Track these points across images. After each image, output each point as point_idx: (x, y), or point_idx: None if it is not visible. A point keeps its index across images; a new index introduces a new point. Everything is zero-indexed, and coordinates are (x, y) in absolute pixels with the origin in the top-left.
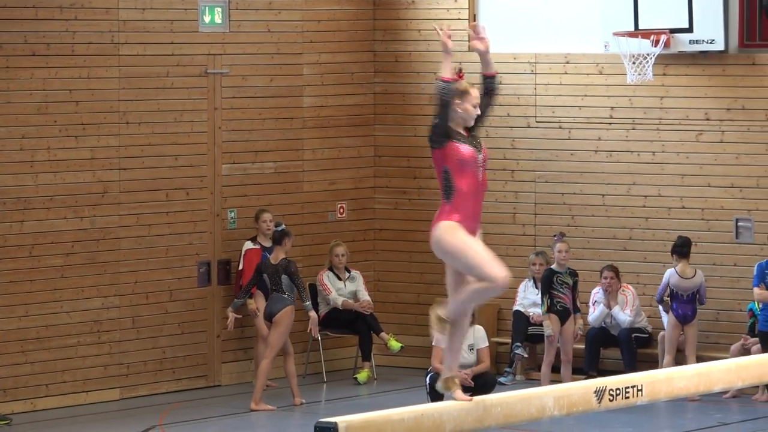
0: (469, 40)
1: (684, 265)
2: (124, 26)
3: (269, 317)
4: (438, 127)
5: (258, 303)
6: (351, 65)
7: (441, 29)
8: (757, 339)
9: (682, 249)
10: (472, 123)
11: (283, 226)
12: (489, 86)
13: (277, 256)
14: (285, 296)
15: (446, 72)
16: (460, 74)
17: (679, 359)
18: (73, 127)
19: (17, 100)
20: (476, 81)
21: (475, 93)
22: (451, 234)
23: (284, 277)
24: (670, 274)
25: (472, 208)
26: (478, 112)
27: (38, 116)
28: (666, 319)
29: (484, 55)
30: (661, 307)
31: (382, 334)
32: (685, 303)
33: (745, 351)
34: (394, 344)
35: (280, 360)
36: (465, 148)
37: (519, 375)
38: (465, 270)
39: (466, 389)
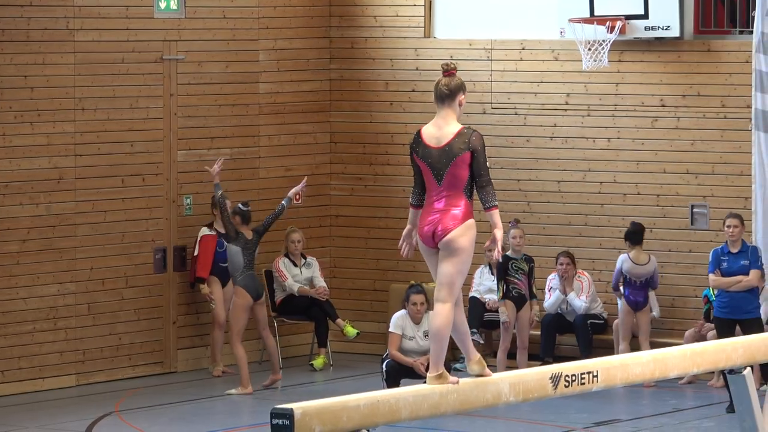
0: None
1: (638, 252)
2: (79, 12)
3: (257, 296)
4: (483, 155)
5: (213, 289)
6: (307, 51)
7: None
8: (712, 325)
9: (634, 235)
10: None
11: (249, 206)
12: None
13: (248, 233)
14: (254, 273)
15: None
16: (453, 70)
17: (635, 346)
18: (29, 114)
19: None
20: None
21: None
22: (473, 236)
23: (255, 253)
24: (623, 260)
25: None
26: None
27: None
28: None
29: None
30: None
31: (338, 320)
32: (637, 289)
33: (701, 337)
34: (350, 330)
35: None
36: None
37: None
38: (454, 273)
39: (421, 377)
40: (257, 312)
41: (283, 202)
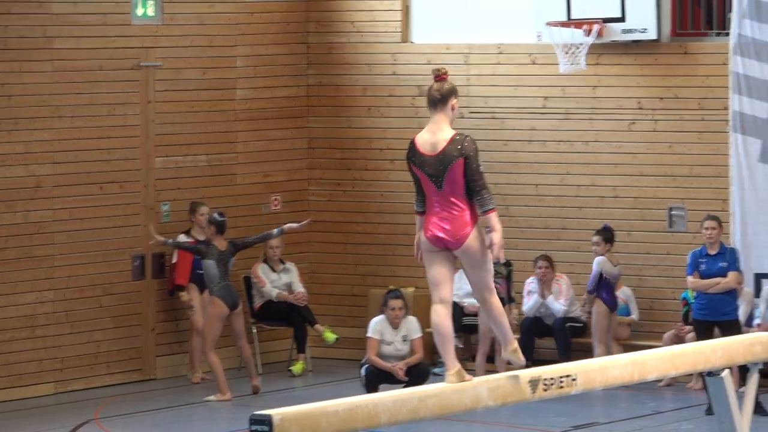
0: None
1: (611, 252)
2: (56, 20)
3: (234, 307)
4: (477, 163)
5: (192, 296)
6: (284, 57)
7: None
8: (691, 327)
9: (612, 236)
10: None
11: (225, 216)
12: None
13: (222, 244)
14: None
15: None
16: (444, 74)
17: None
18: (6, 122)
19: None
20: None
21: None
22: (485, 236)
23: (230, 263)
24: (602, 262)
25: None
26: None
27: None
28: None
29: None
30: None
31: (317, 325)
32: (611, 290)
33: (679, 339)
34: (329, 336)
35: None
36: None
37: None
38: (484, 272)
39: (399, 381)
40: (234, 322)
41: (275, 230)
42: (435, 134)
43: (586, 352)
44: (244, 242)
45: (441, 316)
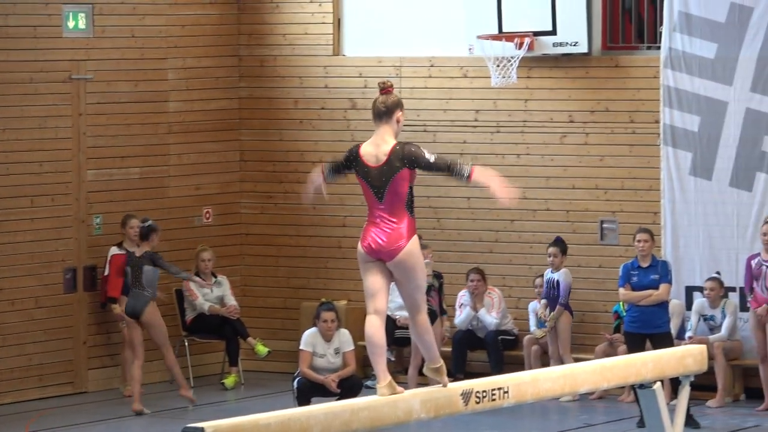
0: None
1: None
2: None
3: (132, 314)
4: (425, 162)
5: (123, 308)
6: (216, 70)
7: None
8: (622, 338)
9: (566, 247)
10: None
11: (150, 222)
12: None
13: (141, 250)
14: (145, 292)
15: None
16: (390, 87)
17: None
18: None
19: None
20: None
21: None
22: (420, 250)
23: (146, 271)
24: (568, 273)
25: None
26: None
27: None
28: (535, 323)
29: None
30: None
31: (249, 338)
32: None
33: (611, 351)
34: (261, 349)
35: (152, 365)
36: None
37: None
38: (414, 288)
39: (332, 394)
40: (147, 332)
41: (183, 274)
42: (379, 147)
43: (518, 365)
44: (156, 261)
45: (374, 327)
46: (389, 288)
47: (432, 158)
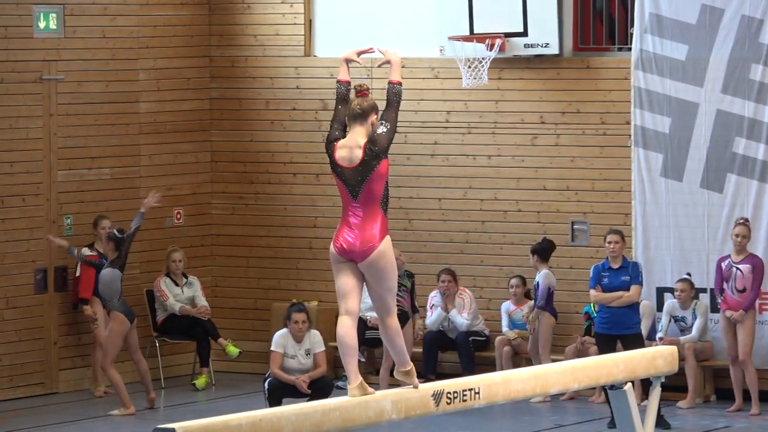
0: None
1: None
2: None
3: (133, 321)
4: (393, 134)
5: (96, 309)
6: (187, 70)
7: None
8: (593, 340)
9: (550, 252)
10: None
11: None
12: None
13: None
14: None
15: (398, 74)
16: (366, 91)
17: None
18: None
19: None
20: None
21: None
22: (392, 251)
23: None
24: (549, 275)
25: None
26: None
27: None
28: (507, 324)
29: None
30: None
31: (220, 339)
32: (552, 301)
33: (582, 353)
34: (232, 350)
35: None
36: None
37: None
38: (385, 290)
39: (303, 395)
40: (130, 335)
41: (135, 219)
42: (352, 149)
43: (490, 366)
44: (125, 245)
45: (346, 328)
46: (362, 289)
47: (384, 127)
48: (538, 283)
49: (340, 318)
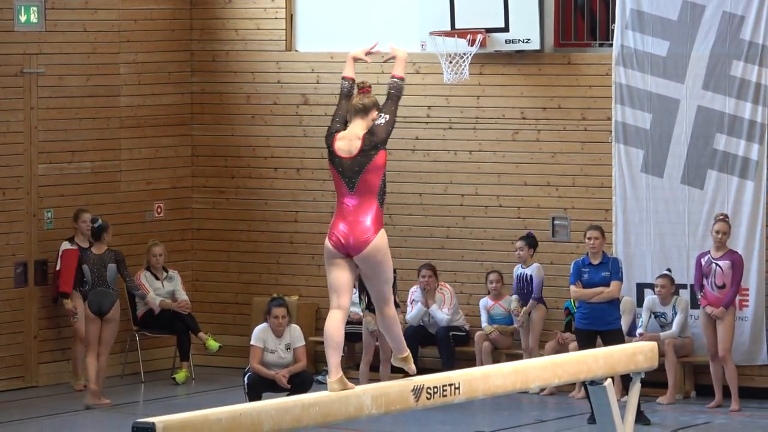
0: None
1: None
2: None
3: (99, 312)
4: (392, 126)
5: (76, 303)
6: (168, 65)
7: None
8: (572, 335)
9: (536, 242)
10: None
11: (100, 221)
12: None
13: (100, 249)
14: (111, 291)
15: (402, 70)
16: (368, 87)
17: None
18: None
19: None
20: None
21: None
22: (387, 243)
23: (110, 269)
24: (540, 268)
25: None
26: None
27: None
28: (486, 320)
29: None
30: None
31: (200, 333)
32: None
33: (562, 348)
34: (212, 344)
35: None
36: None
37: None
38: (382, 282)
39: (282, 389)
40: (102, 329)
41: (149, 296)
42: (351, 141)
43: (470, 361)
44: (120, 263)
45: (336, 321)
46: (353, 285)
47: (383, 119)
48: (528, 275)
49: (330, 312)
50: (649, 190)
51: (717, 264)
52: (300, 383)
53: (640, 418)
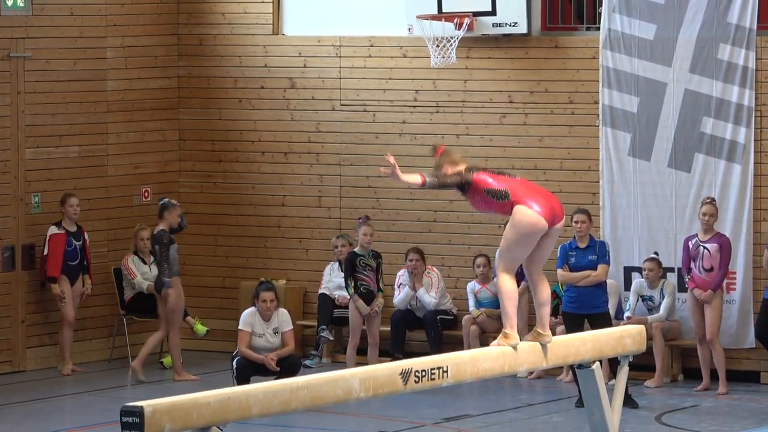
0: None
1: None
2: None
3: (158, 290)
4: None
5: (63, 288)
6: (155, 48)
7: None
8: (560, 320)
9: None
10: None
11: (166, 200)
12: None
13: (156, 227)
14: (173, 268)
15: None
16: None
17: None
18: None
19: None
20: None
21: None
22: None
23: (173, 248)
24: None
25: None
26: None
27: None
28: (473, 304)
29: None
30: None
31: (188, 318)
32: None
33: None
34: (200, 328)
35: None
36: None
37: (325, 358)
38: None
39: (271, 373)
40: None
41: (167, 280)
42: None
43: (457, 345)
44: (159, 244)
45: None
46: None
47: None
48: None
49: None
50: (636, 173)
51: (704, 247)
52: (288, 367)
53: (628, 402)
